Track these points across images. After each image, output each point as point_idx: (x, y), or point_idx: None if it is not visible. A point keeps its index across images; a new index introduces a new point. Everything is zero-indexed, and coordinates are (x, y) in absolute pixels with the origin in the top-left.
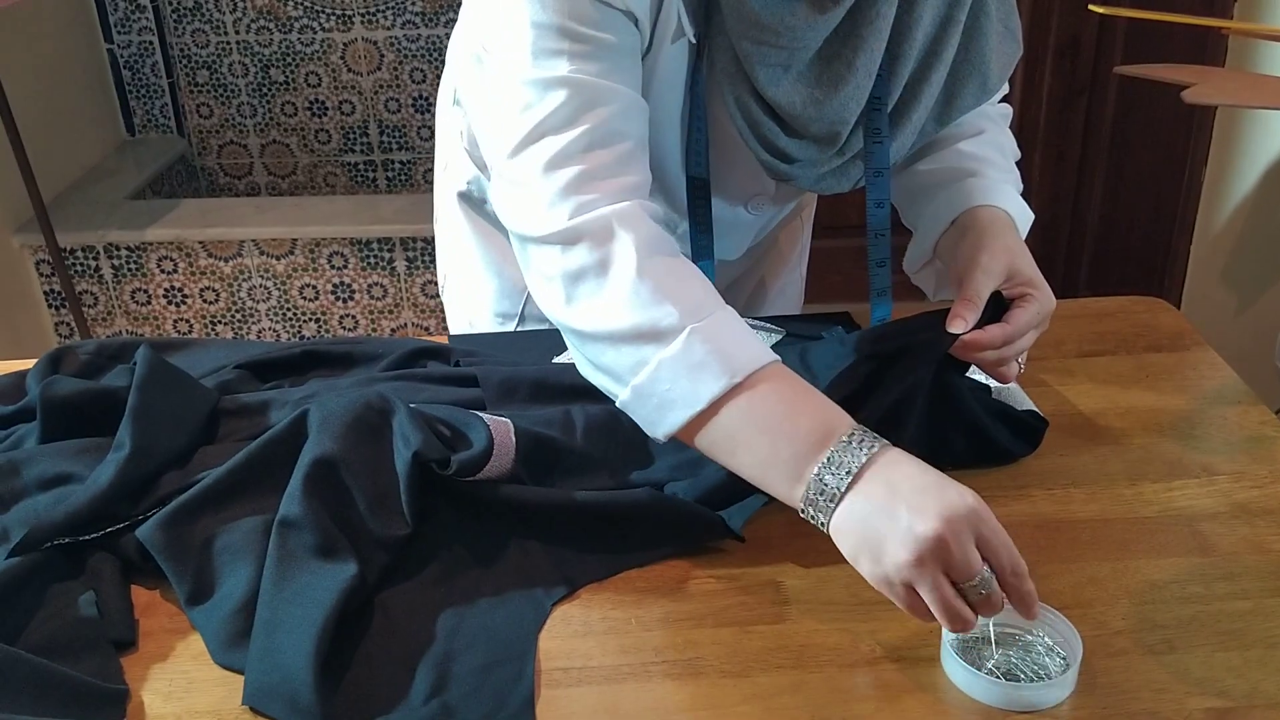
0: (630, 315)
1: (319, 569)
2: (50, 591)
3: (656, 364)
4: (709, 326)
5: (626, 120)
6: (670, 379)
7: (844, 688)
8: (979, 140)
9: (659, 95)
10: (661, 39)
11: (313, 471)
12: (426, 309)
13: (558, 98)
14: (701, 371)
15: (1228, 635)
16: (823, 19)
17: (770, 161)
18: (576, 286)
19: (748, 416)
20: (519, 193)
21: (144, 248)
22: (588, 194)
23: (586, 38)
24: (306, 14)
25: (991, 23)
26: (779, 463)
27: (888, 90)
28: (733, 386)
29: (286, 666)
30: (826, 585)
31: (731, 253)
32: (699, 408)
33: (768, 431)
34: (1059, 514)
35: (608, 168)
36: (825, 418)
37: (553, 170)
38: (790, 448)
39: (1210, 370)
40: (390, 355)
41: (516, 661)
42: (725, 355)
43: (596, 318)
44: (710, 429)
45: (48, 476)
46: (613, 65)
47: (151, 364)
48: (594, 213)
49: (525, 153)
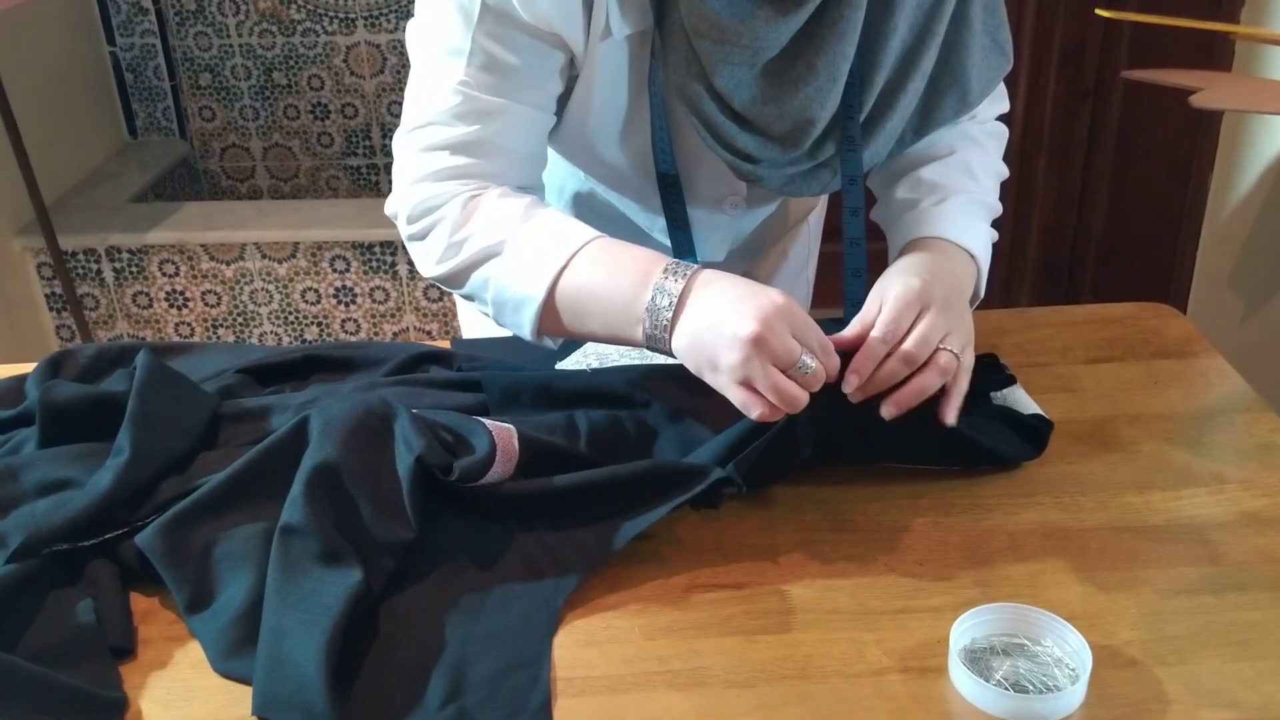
0: (468, 248)
1: (323, 575)
2: (48, 598)
3: (496, 276)
4: (525, 231)
5: (508, 136)
6: (511, 284)
7: (850, 698)
8: (945, 164)
9: (604, 96)
10: (594, 39)
11: (314, 478)
12: (428, 313)
13: (450, 99)
14: (531, 268)
15: (1239, 646)
16: (785, 21)
17: (732, 160)
18: (433, 245)
19: (580, 289)
20: (397, 168)
21: (145, 250)
22: (446, 182)
23: (491, 60)
24: (309, 17)
25: (974, 35)
26: (617, 314)
27: (860, 99)
28: (560, 269)
29: (298, 675)
30: (831, 594)
31: (718, 254)
32: (541, 297)
33: (600, 290)
34: (1067, 522)
35: (471, 172)
36: (643, 262)
37: (425, 153)
38: (621, 298)
39: (1219, 377)
40: (392, 360)
41: (532, 666)
42: (545, 248)
43: (447, 262)
44: (562, 314)
45: (46, 482)
46: (512, 84)
47: (151, 368)
48: (440, 201)
49: (410, 135)
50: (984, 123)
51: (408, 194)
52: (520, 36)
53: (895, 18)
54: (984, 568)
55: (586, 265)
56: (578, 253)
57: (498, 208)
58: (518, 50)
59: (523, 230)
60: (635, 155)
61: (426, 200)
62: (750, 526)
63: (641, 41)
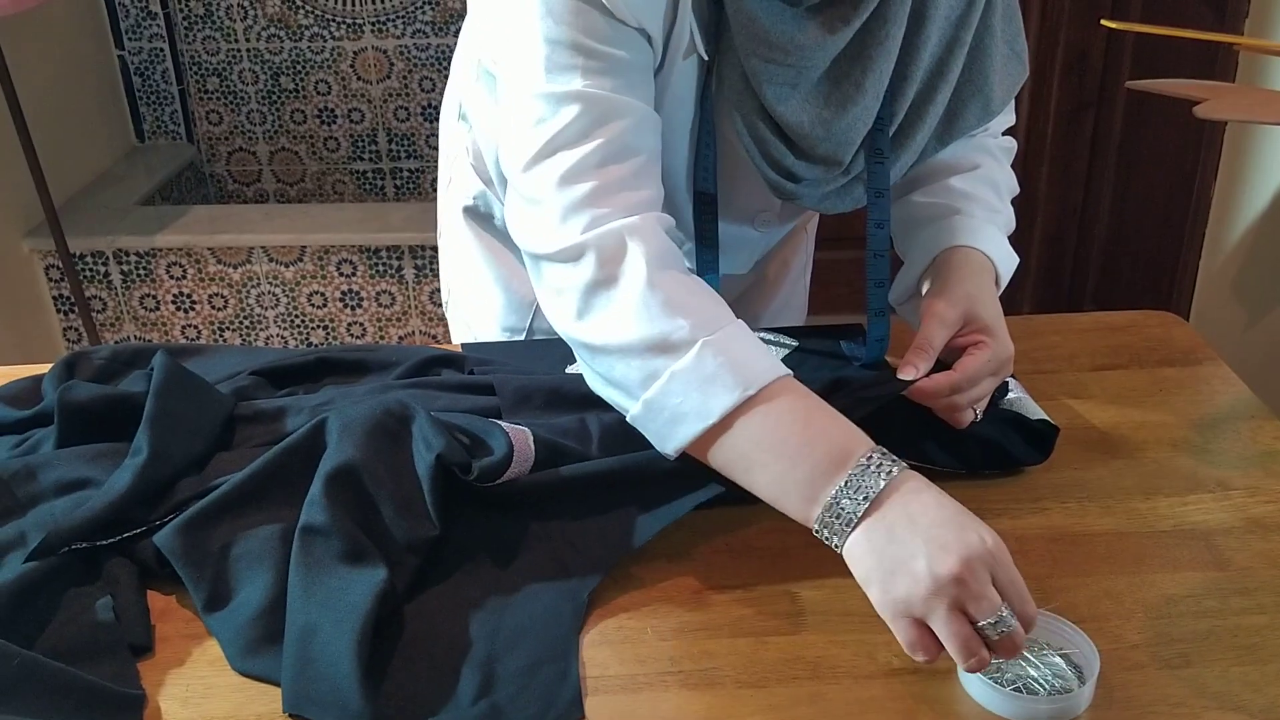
0: (641, 327)
1: (348, 575)
2: (67, 596)
3: (669, 376)
4: (721, 339)
5: (640, 135)
6: (682, 392)
7: (861, 699)
8: (973, 176)
9: (670, 111)
10: (674, 55)
11: (335, 479)
12: (434, 317)
13: (571, 112)
14: (713, 384)
15: (1244, 650)
16: (832, 39)
17: (776, 180)
18: (588, 300)
19: (761, 432)
20: (532, 209)
21: (153, 253)
22: (601, 208)
23: (599, 53)
24: (317, 22)
25: (996, 44)
26: (794, 482)
27: (891, 111)
28: (745, 399)
29: (330, 674)
30: (843, 596)
31: (739, 268)
32: (711, 421)
33: (783, 448)
34: (1074, 527)
35: (621, 182)
36: (843, 437)
37: (566, 185)
38: (806, 467)
39: (1223, 385)
40: (404, 363)
41: (561, 661)
42: (737, 368)
43: (607, 331)
44: (723, 444)
45: (65, 481)
46: (626, 81)
47: (169, 370)
48: (606, 227)
49: (538, 167)
50: (995, 135)
51: (565, 233)
52: (620, 30)
53: (927, 29)
54: None
55: (776, 412)
56: (770, 386)
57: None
58: (621, 44)
59: (715, 336)
60: (681, 174)
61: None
62: (761, 528)
63: (701, 63)
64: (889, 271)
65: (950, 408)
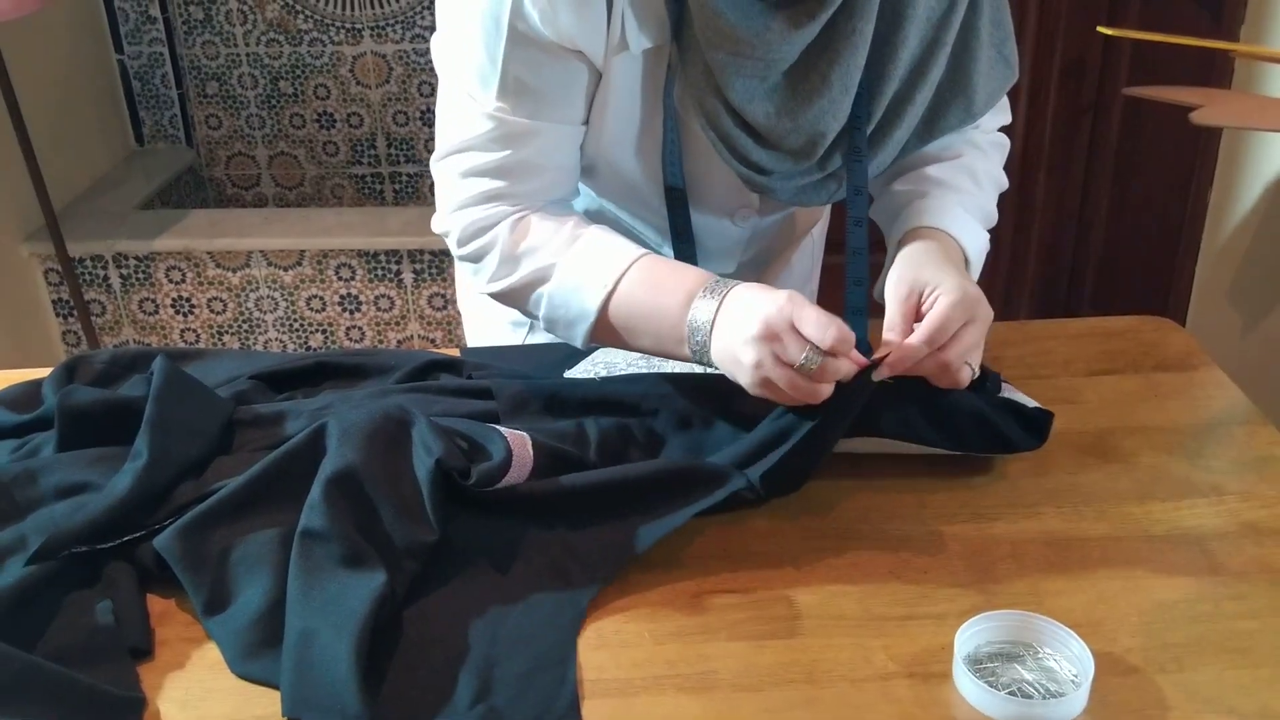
0: (520, 270)
1: (347, 579)
2: (67, 599)
3: (549, 295)
4: (575, 251)
5: (544, 155)
6: (563, 304)
7: (856, 703)
8: (950, 165)
9: (616, 107)
10: (611, 55)
11: (334, 483)
12: (433, 321)
13: (484, 124)
14: (582, 288)
15: (1237, 654)
16: (798, 33)
17: (745, 173)
18: (479, 265)
19: (629, 309)
20: (440, 191)
21: (152, 257)
22: (491, 205)
23: (521, 85)
24: (316, 27)
25: (982, 47)
26: (666, 333)
27: (869, 110)
28: (610, 290)
29: (329, 678)
30: (838, 600)
31: (728, 266)
32: (592, 317)
33: (648, 314)
34: (1069, 532)
35: (513, 192)
36: (685, 283)
37: (467, 178)
38: (668, 318)
39: (1218, 390)
40: (403, 367)
41: (559, 666)
42: (595, 268)
43: (499, 282)
44: (613, 331)
45: (65, 485)
46: (549, 102)
47: (169, 374)
48: (489, 220)
49: (449, 160)
50: (987, 132)
51: (455, 218)
52: (546, 57)
53: (905, 29)
54: (987, 576)
55: (634, 285)
56: (625, 272)
57: (545, 229)
58: (546, 71)
59: (572, 250)
60: (649, 169)
61: (475, 223)
62: (758, 533)
63: (658, 56)
64: (867, 270)
65: (940, 368)
